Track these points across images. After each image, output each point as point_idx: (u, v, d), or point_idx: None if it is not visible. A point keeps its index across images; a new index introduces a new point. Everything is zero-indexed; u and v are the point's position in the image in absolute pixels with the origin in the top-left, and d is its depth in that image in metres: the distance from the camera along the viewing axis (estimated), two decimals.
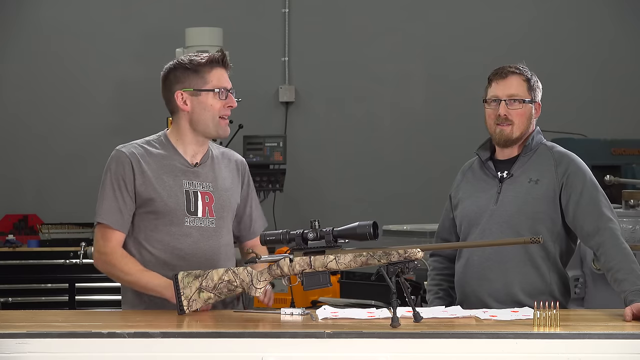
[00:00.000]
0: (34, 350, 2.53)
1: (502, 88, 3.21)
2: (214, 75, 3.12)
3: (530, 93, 3.21)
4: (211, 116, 3.11)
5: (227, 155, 3.27)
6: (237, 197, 3.24)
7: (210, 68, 3.12)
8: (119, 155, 3.11)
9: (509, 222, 3.16)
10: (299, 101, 8.18)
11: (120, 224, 3.09)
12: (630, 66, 8.00)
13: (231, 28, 7.45)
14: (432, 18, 8.09)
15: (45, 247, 6.77)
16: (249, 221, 3.30)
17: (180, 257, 3.08)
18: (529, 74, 3.24)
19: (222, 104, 3.11)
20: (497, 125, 3.20)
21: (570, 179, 3.14)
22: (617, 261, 2.95)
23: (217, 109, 3.11)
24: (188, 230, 3.10)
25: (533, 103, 3.22)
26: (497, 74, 3.23)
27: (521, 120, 3.19)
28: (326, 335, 2.53)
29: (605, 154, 6.82)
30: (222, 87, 3.11)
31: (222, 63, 3.14)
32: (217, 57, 3.13)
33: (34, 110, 8.04)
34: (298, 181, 7.80)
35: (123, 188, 3.09)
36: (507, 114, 3.18)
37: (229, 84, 3.14)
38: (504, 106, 3.19)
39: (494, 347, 2.50)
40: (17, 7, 7.99)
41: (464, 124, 7.16)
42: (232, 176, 3.23)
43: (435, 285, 3.39)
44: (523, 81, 3.21)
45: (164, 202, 3.08)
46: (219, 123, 3.12)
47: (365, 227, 2.68)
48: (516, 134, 3.20)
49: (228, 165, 3.24)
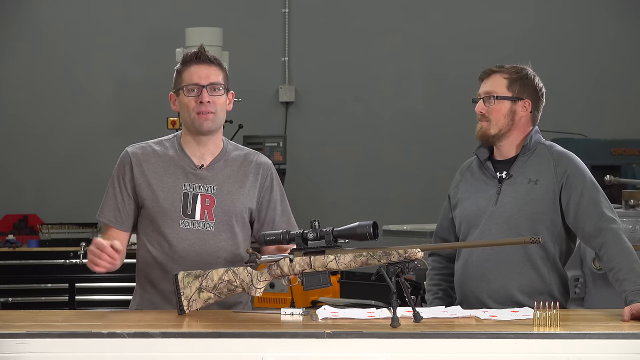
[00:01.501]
0: (34, 350, 2.53)
1: (482, 87, 3.23)
2: (187, 72, 3.10)
3: (512, 90, 3.19)
4: (187, 113, 3.09)
5: (249, 158, 3.19)
6: (248, 201, 3.14)
7: (186, 66, 3.10)
8: (123, 154, 3.16)
9: (509, 222, 3.15)
10: (299, 101, 8.18)
11: (119, 222, 3.12)
12: (630, 66, 8.01)
13: (231, 28, 7.46)
14: (432, 18, 8.10)
15: (45, 247, 6.78)
16: (270, 226, 3.16)
17: (174, 259, 3.07)
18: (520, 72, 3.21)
19: (194, 100, 3.08)
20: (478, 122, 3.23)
21: (570, 180, 3.13)
22: (618, 260, 2.95)
23: (191, 107, 3.08)
24: (183, 233, 3.08)
25: (517, 100, 3.19)
26: (483, 73, 3.26)
27: (497, 116, 3.18)
28: (326, 335, 2.53)
29: (605, 154, 6.82)
30: (192, 83, 3.08)
31: (196, 58, 3.10)
32: (189, 54, 3.11)
33: (34, 110, 8.05)
34: (298, 181, 7.80)
35: (122, 187, 3.12)
36: (482, 111, 3.20)
37: (204, 79, 3.08)
38: (481, 103, 3.20)
39: (494, 347, 2.50)
40: (17, 7, 8.00)
41: (464, 124, 7.15)
42: (248, 179, 3.15)
43: (434, 285, 3.39)
44: (503, 79, 3.19)
45: (159, 203, 3.08)
46: (195, 119, 3.08)
47: (365, 227, 2.68)
48: (493, 131, 3.19)
49: (246, 168, 3.16)
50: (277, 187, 3.21)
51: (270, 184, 3.18)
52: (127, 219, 3.13)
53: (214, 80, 3.09)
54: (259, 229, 3.16)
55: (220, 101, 3.10)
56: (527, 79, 3.21)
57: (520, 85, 3.20)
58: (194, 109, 3.08)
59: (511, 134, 3.22)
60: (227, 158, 3.16)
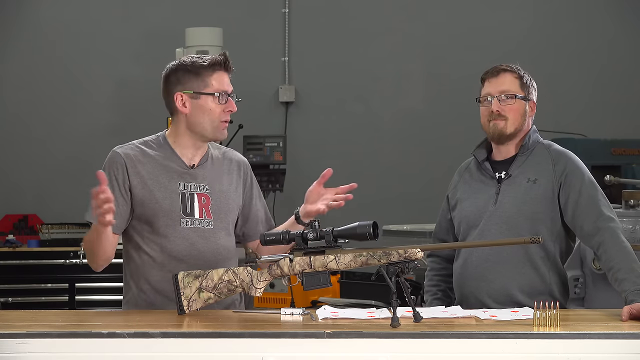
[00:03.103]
0: (34, 350, 2.53)
1: (494, 85, 3.21)
2: (215, 78, 3.07)
3: (524, 90, 3.21)
4: (210, 120, 3.07)
5: (228, 156, 3.23)
6: (237, 198, 3.20)
7: (212, 71, 3.07)
8: (114, 156, 3.10)
9: (509, 222, 3.15)
10: (299, 101, 8.18)
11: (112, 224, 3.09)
12: (630, 66, 8.01)
13: (231, 28, 7.46)
14: (432, 18, 8.09)
15: (45, 247, 6.78)
16: (254, 222, 3.24)
17: (177, 258, 3.06)
18: (522, 72, 3.24)
19: (222, 108, 3.07)
20: (490, 121, 3.21)
21: (569, 178, 3.14)
22: (617, 260, 2.95)
23: (217, 114, 3.07)
24: (184, 232, 3.08)
25: (527, 101, 3.22)
26: (489, 73, 3.25)
27: (515, 115, 3.19)
28: (326, 335, 2.53)
29: (605, 154, 6.82)
30: (222, 90, 3.07)
31: (224, 66, 3.09)
32: (219, 60, 3.08)
33: (34, 110, 8.04)
34: (298, 181, 7.77)
35: (116, 188, 3.06)
36: (499, 110, 3.19)
37: (229, 87, 3.09)
38: (497, 102, 3.19)
39: (494, 347, 2.50)
40: (17, 7, 7.99)
41: (464, 124, 7.15)
42: (233, 177, 3.20)
43: (433, 286, 3.39)
44: (515, 78, 3.21)
45: (159, 204, 3.07)
46: (218, 127, 3.08)
47: (365, 227, 2.68)
48: (510, 130, 3.20)
49: (228, 166, 3.20)
50: (255, 184, 3.28)
51: (250, 181, 3.25)
52: (119, 222, 3.06)
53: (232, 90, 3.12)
54: (243, 225, 3.23)
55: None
56: (531, 81, 3.25)
57: (527, 86, 3.23)
58: (219, 117, 3.07)
59: (520, 133, 3.23)
60: (212, 157, 3.19)
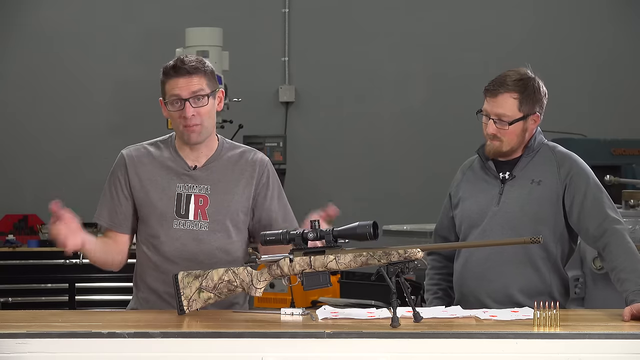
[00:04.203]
0: (34, 350, 2.53)
1: (491, 106, 3.13)
2: (169, 84, 3.04)
3: (523, 109, 3.12)
4: (175, 126, 3.08)
5: (245, 156, 3.18)
6: (244, 199, 3.13)
7: (165, 78, 3.05)
8: (119, 157, 3.17)
9: (511, 223, 3.14)
10: (299, 101, 8.18)
11: (115, 224, 3.13)
12: (630, 66, 8.01)
13: (231, 28, 7.45)
14: (432, 18, 8.10)
15: (45, 247, 6.78)
16: (266, 222, 3.15)
17: (169, 260, 3.06)
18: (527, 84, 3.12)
19: (178, 115, 3.03)
20: (487, 139, 3.19)
21: (574, 181, 3.12)
22: (621, 261, 2.94)
23: (175, 120, 3.05)
24: (177, 233, 3.07)
25: (527, 118, 3.14)
26: (488, 90, 3.15)
27: (510, 137, 3.14)
28: (326, 335, 2.52)
29: (605, 154, 6.82)
30: (173, 96, 3.03)
31: (176, 71, 3.03)
32: (168, 66, 3.05)
33: (34, 110, 8.05)
34: (298, 181, 7.80)
35: (119, 189, 3.12)
36: (494, 132, 3.14)
37: (185, 92, 3.01)
38: (492, 125, 3.13)
39: (494, 347, 2.50)
40: (17, 7, 7.99)
41: (464, 124, 7.15)
42: (242, 178, 3.14)
43: (434, 285, 3.38)
44: (514, 99, 3.11)
45: (153, 204, 3.08)
46: (183, 132, 3.06)
47: (365, 227, 2.67)
48: (506, 149, 3.16)
49: (241, 167, 3.15)
50: (274, 184, 3.18)
51: (266, 180, 3.16)
52: (124, 221, 3.12)
53: (196, 90, 3.03)
54: (255, 226, 3.16)
55: (205, 110, 3.05)
56: (535, 92, 3.14)
57: (530, 101, 3.13)
58: (180, 122, 3.05)
59: (519, 149, 3.20)
60: (222, 158, 3.15)
